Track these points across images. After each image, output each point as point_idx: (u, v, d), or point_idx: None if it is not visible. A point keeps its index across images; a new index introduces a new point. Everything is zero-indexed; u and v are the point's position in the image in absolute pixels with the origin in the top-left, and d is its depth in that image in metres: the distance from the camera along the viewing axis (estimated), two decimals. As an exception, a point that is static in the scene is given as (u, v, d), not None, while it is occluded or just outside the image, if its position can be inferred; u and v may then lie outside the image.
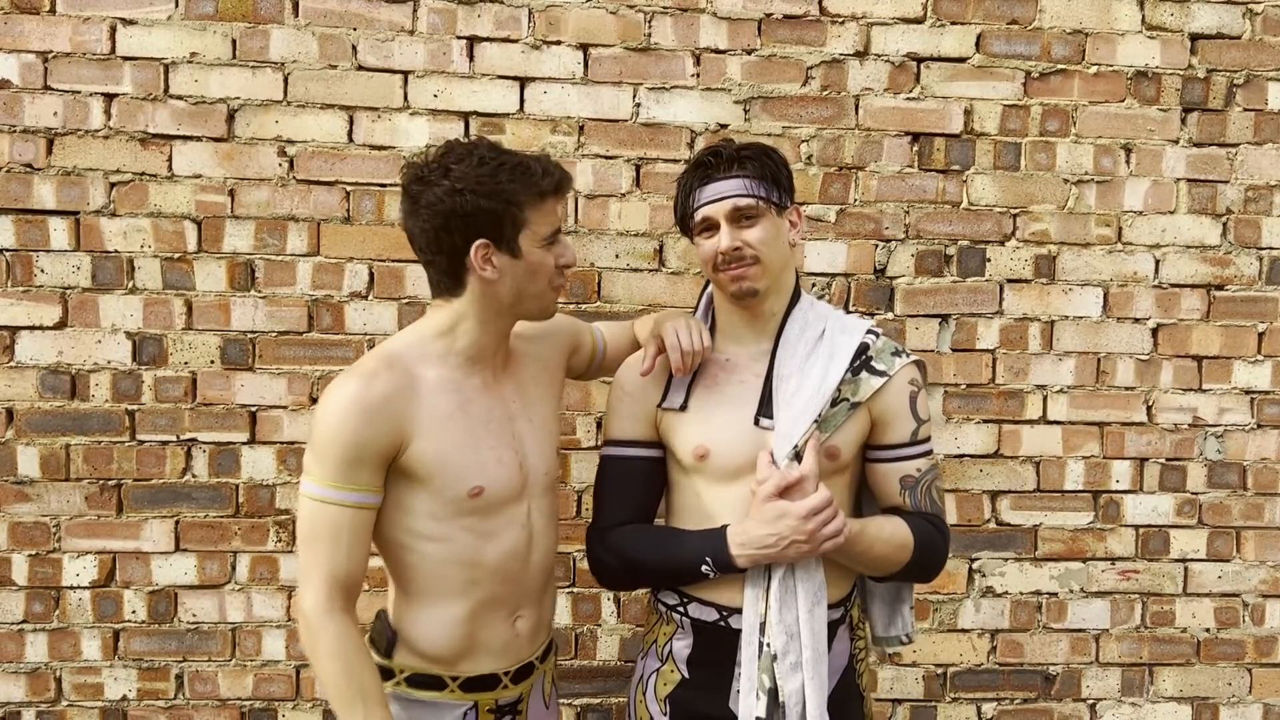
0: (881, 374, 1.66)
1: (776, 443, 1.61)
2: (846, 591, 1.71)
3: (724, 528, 1.61)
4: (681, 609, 1.69)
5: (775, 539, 1.55)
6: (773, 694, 1.58)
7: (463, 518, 1.54)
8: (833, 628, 1.66)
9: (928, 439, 1.71)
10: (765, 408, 1.64)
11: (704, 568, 1.60)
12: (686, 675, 1.69)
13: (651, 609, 1.78)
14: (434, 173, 1.49)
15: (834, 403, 1.63)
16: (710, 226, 1.64)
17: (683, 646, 1.69)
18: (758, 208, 1.62)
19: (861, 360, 1.67)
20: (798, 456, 1.60)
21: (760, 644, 1.60)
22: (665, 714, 1.70)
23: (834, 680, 1.66)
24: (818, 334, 1.69)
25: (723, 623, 1.65)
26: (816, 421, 1.61)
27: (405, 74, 2.37)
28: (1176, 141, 2.54)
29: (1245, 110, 2.55)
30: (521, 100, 2.40)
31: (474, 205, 1.47)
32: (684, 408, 1.68)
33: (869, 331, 1.71)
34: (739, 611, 1.63)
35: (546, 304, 1.60)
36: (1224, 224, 2.57)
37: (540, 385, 1.70)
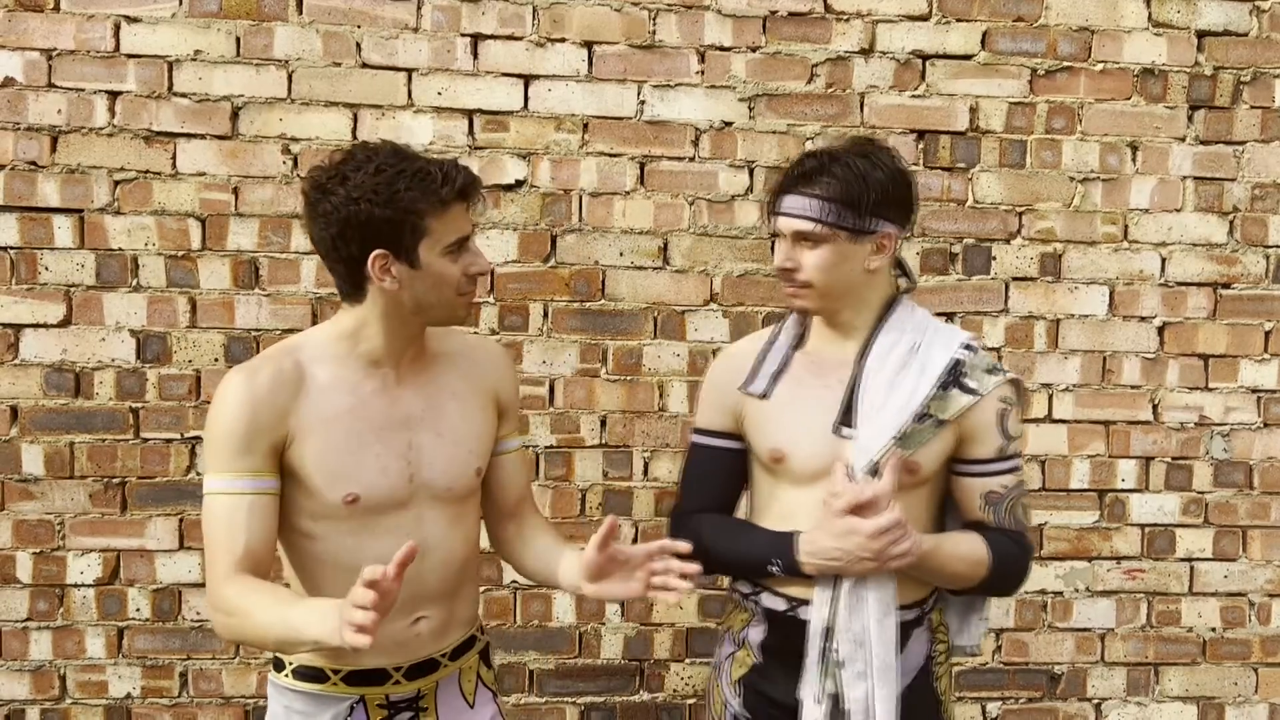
0: (972, 392, 1.62)
1: (855, 455, 1.59)
2: (925, 594, 1.70)
3: (794, 533, 1.61)
4: (755, 598, 1.71)
5: (841, 554, 1.55)
6: (834, 699, 1.59)
7: (341, 520, 1.52)
8: (907, 629, 1.65)
9: (1016, 455, 1.67)
10: (847, 416, 1.62)
11: (771, 567, 1.62)
12: (760, 660, 1.71)
13: (729, 597, 1.81)
14: (331, 180, 1.45)
15: (921, 418, 1.60)
16: (780, 236, 1.63)
17: (758, 633, 1.71)
18: (820, 234, 1.57)
19: (952, 376, 1.63)
20: (875, 471, 1.58)
21: (823, 648, 1.60)
22: (739, 695, 1.72)
23: (906, 681, 1.65)
24: (910, 346, 1.64)
25: (791, 613, 1.66)
26: (896, 438, 1.59)
27: (409, 71, 2.37)
28: (1183, 139, 2.53)
29: (1252, 108, 2.54)
30: (526, 98, 2.40)
31: (369, 214, 1.42)
32: (765, 396, 1.67)
33: (965, 346, 1.66)
34: (807, 603, 1.64)
35: (453, 313, 1.54)
36: (1230, 222, 2.56)
37: (460, 400, 1.62)
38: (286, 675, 1.59)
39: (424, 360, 1.60)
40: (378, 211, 1.42)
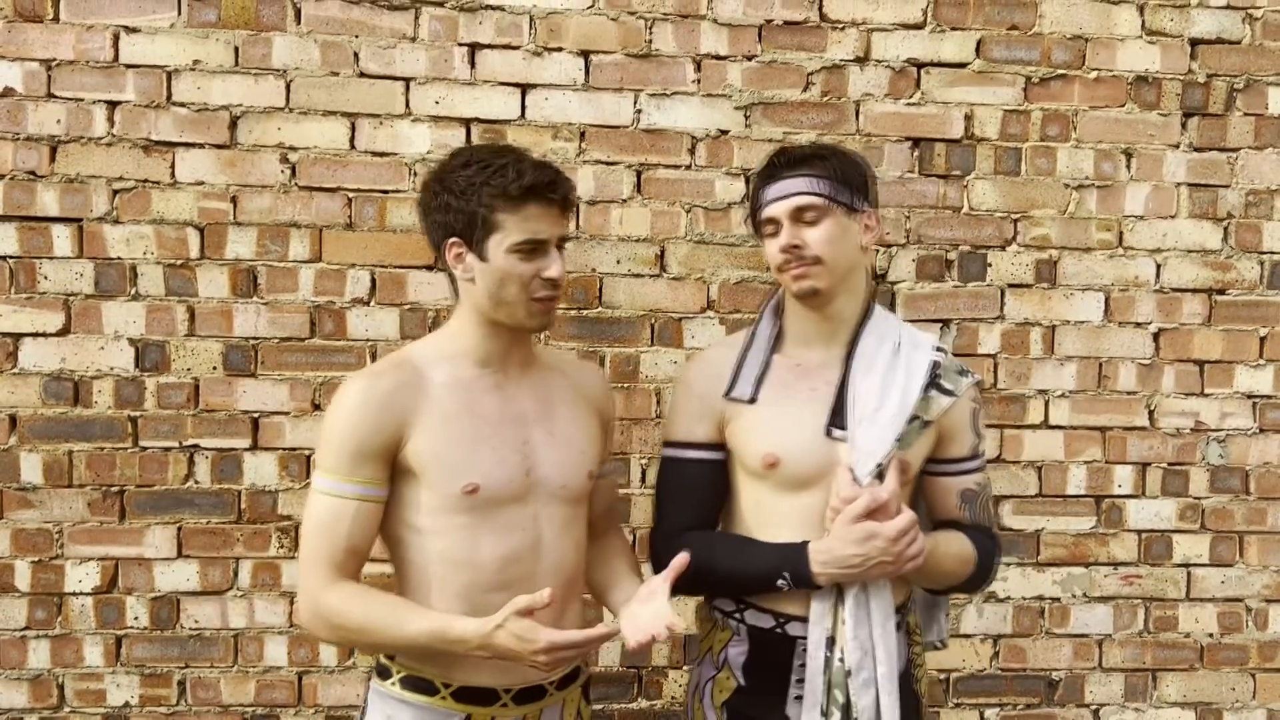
0: (950, 393, 1.65)
1: (858, 460, 1.58)
2: (904, 598, 1.71)
3: (804, 544, 1.58)
4: (738, 616, 1.68)
5: (861, 559, 1.53)
6: (845, 709, 1.57)
7: (459, 514, 1.52)
8: None
9: (983, 454, 1.72)
10: (837, 418, 1.61)
11: (780, 582, 1.58)
12: (743, 683, 1.67)
13: (706, 616, 1.77)
14: (433, 174, 1.56)
15: (909, 419, 1.61)
16: (774, 226, 1.63)
17: (738, 654, 1.67)
18: (822, 207, 1.59)
19: (931, 378, 1.65)
20: (879, 475, 1.58)
21: (826, 658, 1.58)
22: None
23: None
24: (893, 346, 1.66)
25: (779, 630, 1.64)
26: (898, 439, 1.59)
27: (407, 81, 2.38)
28: (1177, 146, 2.54)
29: (1245, 115, 2.55)
30: (523, 107, 2.41)
31: (445, 203, 1.52)
32: (752, 400, 1.65)
33: (936, 349, 1.69)
34: (796, 619, 1.62)
35: (521, 316, 1.54)
36: (1225, 228, 2.57)
37: (571, 407, 1.66)
38: (393, 684, 1.57)
39: (534, 367, 1.66)
40: (453, 201, 1.51)
